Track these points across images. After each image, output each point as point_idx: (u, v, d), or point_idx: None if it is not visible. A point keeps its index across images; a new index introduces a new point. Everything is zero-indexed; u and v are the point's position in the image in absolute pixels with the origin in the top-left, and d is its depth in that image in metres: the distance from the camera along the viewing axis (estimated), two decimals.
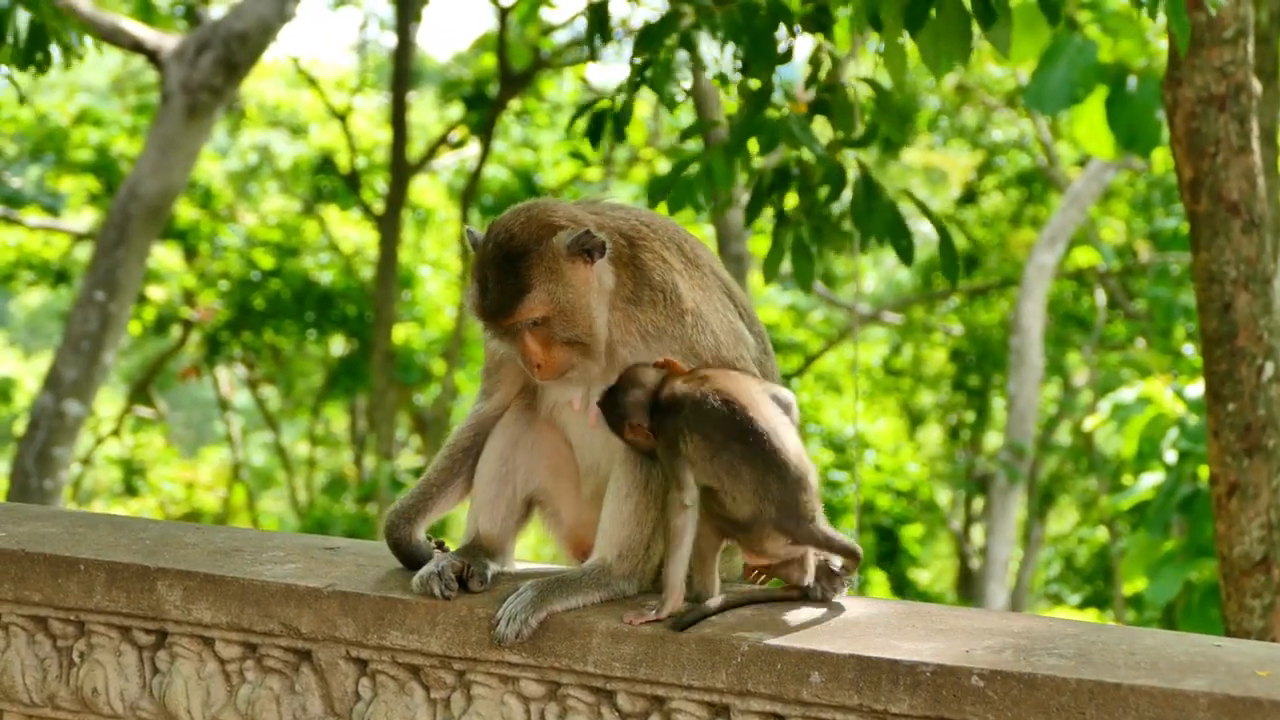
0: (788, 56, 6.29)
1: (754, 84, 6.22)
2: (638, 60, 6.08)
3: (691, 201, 6.19)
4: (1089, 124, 10.86)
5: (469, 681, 3.98)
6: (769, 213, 6.60)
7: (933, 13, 5.51)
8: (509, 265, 4.00)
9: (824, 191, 6.43)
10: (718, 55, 5.96)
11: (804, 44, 6.47)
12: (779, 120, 6.21)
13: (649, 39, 6.08)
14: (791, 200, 6.50)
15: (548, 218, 4.05)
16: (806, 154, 6.38)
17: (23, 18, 6.61)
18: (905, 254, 6.40)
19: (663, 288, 4.05)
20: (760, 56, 6.03)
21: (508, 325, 4.03)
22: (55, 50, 6.73)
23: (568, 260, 4.00)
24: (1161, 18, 5.32)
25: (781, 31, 6.13)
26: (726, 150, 6.26)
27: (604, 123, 6.19)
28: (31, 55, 6.60)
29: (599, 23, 6.31)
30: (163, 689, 4.29)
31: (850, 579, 3.94)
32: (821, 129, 6.52)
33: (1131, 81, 10.43)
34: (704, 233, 16.64)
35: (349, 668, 4.12)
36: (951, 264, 6.36)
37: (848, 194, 6.41)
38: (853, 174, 6.40)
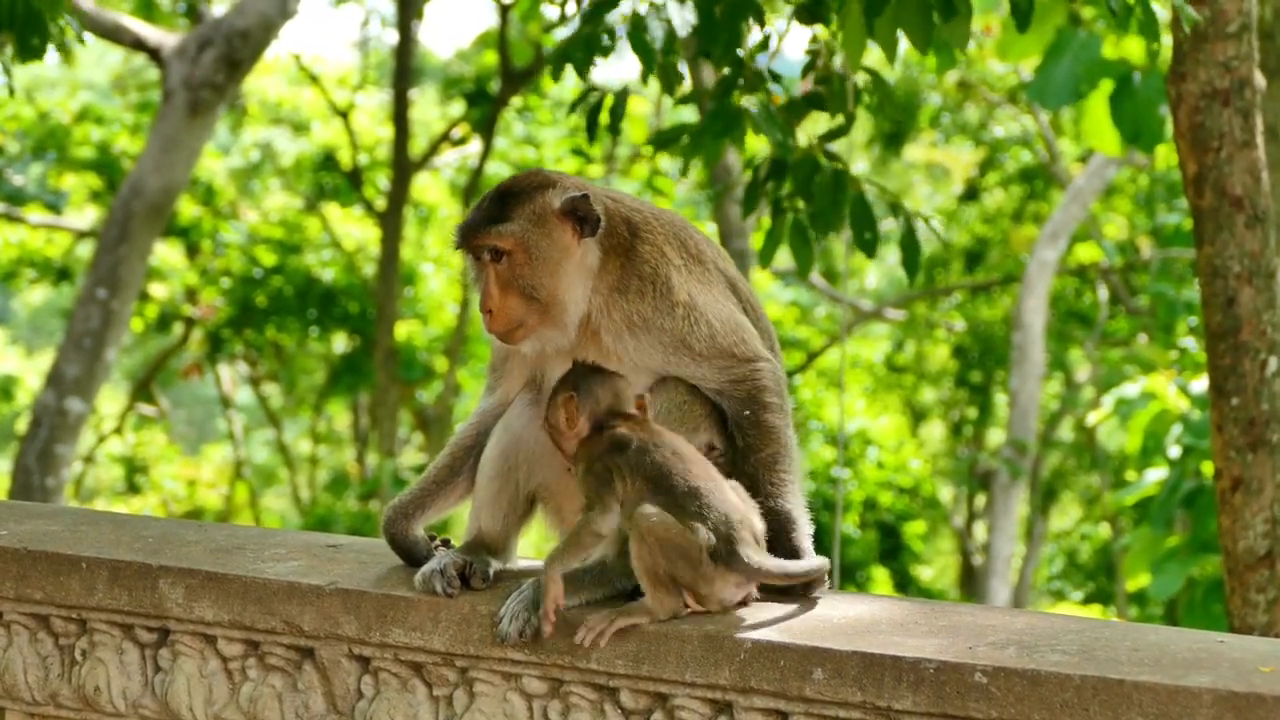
0: (763, 45, 6.26)
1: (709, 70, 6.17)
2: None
3: (706, 152, 6.15)
4: (1093, 119, 10.84)
5: (471, 679, 3.98)
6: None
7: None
8: (499, 200, 4.11)
9: (789, 184, 6.40)
10: (659, 36, 5.89)
11: (801, 35, 6.41)
12: (742, 109, 6.18)
13: (592, 14, 6.04)
14: (787, 189, 6.48)
15: (555, 177, 4.17)
16: (800, 143, 6.33)
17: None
18: (868, 247, 6.37)
19: (653, 279, 4.10)
20: (719, 43, 5.98)
21: (474, 245, 4.10)
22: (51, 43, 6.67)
23: (556, 217, 4.08)
24: (1163, 12, 5.30)
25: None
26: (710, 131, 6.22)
27: (599, 113, 6.15)
28: (26, 43, 6.54)
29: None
30: (165, 687, 4.29)
31: (820, 588, 3.95)
32: (821, 122, 6.49)
33: (1135, 77, 10.41)
34: (706, 228, 16.63)
35: (351, 665, 4.12)
36: (913, 259, 6.34)
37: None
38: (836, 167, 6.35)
